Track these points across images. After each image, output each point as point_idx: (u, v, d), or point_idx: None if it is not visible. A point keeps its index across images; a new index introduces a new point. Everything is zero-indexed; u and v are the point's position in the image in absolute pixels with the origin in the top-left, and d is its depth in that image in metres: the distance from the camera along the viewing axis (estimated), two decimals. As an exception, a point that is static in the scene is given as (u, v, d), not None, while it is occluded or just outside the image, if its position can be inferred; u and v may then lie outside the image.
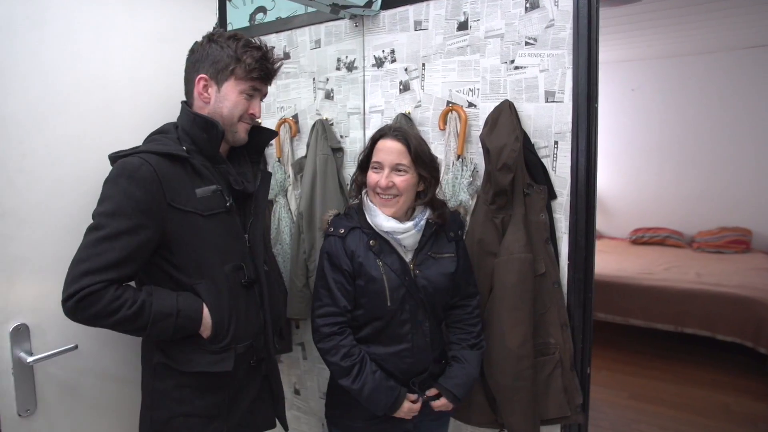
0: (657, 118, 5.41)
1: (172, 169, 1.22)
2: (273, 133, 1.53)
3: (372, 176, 1.51)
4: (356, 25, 2.16)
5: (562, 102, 1.71)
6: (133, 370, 1.50)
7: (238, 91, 1.31)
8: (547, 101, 1.74)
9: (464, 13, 1.89)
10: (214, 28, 1.63)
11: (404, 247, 1.52)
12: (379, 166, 1.50)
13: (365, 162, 1.56)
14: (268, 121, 2.48)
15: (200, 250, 1.28)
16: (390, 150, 1.48)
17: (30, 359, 1.25)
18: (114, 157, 1.24)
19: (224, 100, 1.31)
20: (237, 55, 1.29)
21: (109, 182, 1.18)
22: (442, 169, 1.92)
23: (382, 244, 1.51)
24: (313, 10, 2.22)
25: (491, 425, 1.78)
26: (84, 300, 1.10)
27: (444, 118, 1.93)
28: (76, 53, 1.34)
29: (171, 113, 1.52)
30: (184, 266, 1.26)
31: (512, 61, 1.80)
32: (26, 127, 1.25)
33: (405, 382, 1.53)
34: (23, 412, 1.27)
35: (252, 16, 2.52)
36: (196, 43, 1.35)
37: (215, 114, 1.32)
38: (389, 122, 2.08)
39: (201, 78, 1.31)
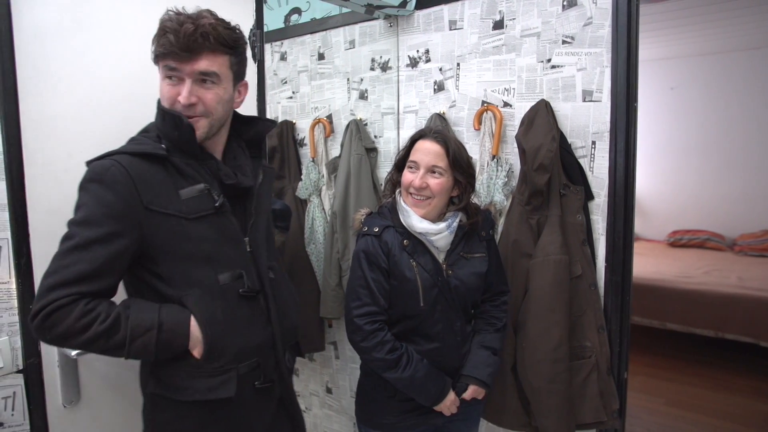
0: (697, 117, 5.26)
1: (149, 169, 1.07)
2: (271, 123, 1.37)
3: (407, 176, 1.50)
4: (390, 25, 2.17)
5: (600, 101, 1.68)
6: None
7: (161, 77, 1.11)
8: (584, 100, 1.71)
9: (500, 12, 1.87)
10: (251, 29, 1.65)
11: (437, 248, 1.52)
12: (415, 166, 1.48)
13: (402, 161, 1.55)
14: (302, 122, 2.51)
15: (188, 258, 1.10)
16: (428, 151, 1.47)
17: (74, 353, 1.29)
18: (88, 162, 1.09)
19: (160, 90, 1.13)
20: (155, 36, 1.09)
21: (80, 188, 1.06)
22: (477, 170, 1.91)
23: (416, 244, 1.50)
24: (348, 10, 2.23)
25: (525, 428, 1.76)
26: (51, 317, 0.96)
27: (479, 118, 1.91)
28: (121, 55, 1.38)
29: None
30: (170, 277, 1.09)
31: (549, 60, 1.77)
32: (72, 128, 1.29)
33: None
34: (68, 403, 1.31)
35: (287, 18, 2.55)
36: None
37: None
38: (424, 122, 2.08)
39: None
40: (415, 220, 1.48)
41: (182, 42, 1.05)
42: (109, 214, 1.02)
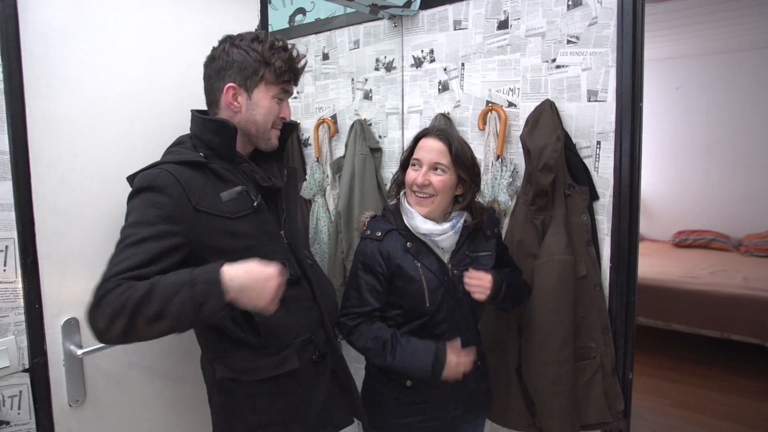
0: (703, 117, 5.24)
1: (193, 175, 1.16)
2: (292, 126, 1.45)
3: (410, 173, 1.50)
4: (395, 25, 2.17)
5: (605, 101, 1.67)
6: (178, 365, 1.54)
7: (270, 96, 1.27)
8: (589, 100, 1.71)
9: (504, 11, 1.87)
10: (256, 29, 1.65)
11: (441, 248, 1.52)
12: (418, 164, 1.48)
13: (406, 161, 1.54)
14: (307, 122, 2.51)
15: (234, 253, 1.17)
16: (430, 148, 1.47)
17: (80, 352, 1.30)
18: (131, 177, 1.19)
19: (256, 107, 1.26)
20: (265, 59, 1.23)
21: (130, 198, 1.14)
22: (482, 170, 1.90)
23: (420, 245, 1.50)
24: (352, 10, 2.23)
25: (529, 429, 1.76)
26: (99, 305, 1.00)
27: (483, 118, 1.91)
28: (125, 56, 1.39)
29: (214, 114, 1.56)
30: None
31: (554, 60, 1.77)
32: (78, 128, 1.30)
33: (441, 382, 1.50)
34: (73, 403, 1.32)
35: (292, 18, 2.55)
36: (214, 48, 1.28)
37: (248, 122, 1.27)
38: (428, 122, 2.08)
39: (230, 87, 1.24)
40: (419, 221, 1.48)
41: (300, 72, 1.32)
42: (162, 216, 1.10)
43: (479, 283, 1.46)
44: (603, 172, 1.70)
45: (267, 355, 1.25)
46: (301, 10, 2.51)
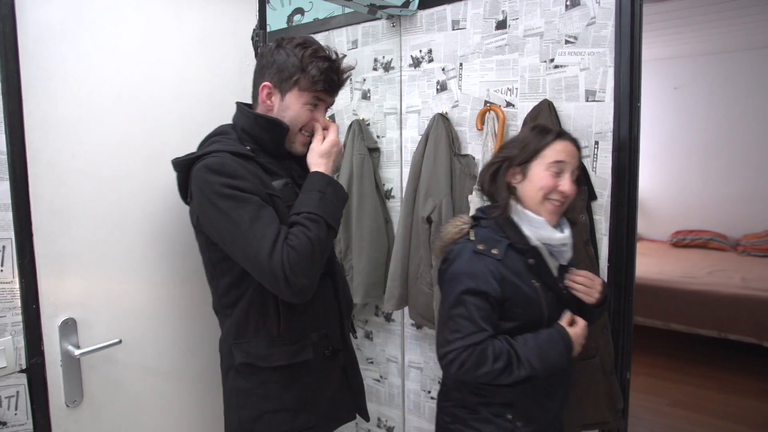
0: (701, 117, 5.25)
1: (246, 164, 1.20)
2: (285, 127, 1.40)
3: (550, 179, 1.31)
4: (393, 26, 2.17)
5: (603, 101, 1.68)
6: (176, 364, 1.54)
7: (301, 102, 1.27)
8: (587, 100, 1.71)
9: (503, 11, 1.87)
10: (254, 30, 1.65)
11: (557, 259, 1.38)
12: (560, 169, 1.31)
13: (525, 161, 1.34)
14: (305, 122, 2.51)
15: None
16: (573, 153, 1.33)
17: (77, 352, 1.29)
18: (182, 162, 1.23)
19: (287, 110, 1.27)
20: (302, 65, 1.24)
21: (205, 188, 1.15)
22: (480, 170, 1.91)
23: (539, 260, 1.34)
24: (351, 10, 2.23)
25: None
26: (290, 270, 1.10)
27: (482, 118, 1.91)
28: (124, 55, 1.38)
29: (214, 113, 1.56)
30: None
31: (552, 60, 1.77)
32: (76, 128, 1.30)
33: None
34: (70, 403, 1.32)
35: (290, 18, 2.55)
36: (265, 46, 1.32)
37: None
38: (426, 122, 2.08)
39: (265, 86, 1.27)
40: (550, 231, 1.33)
41: (339, 83, 1.30)
42: (247, 188, 1.14)
43: (591, 284, 1.39)
44: (601, 172, 1.70)
45: (283, 344, 1.28)
46: (300, 10, 2.51)
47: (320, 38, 2.44)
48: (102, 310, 1.37)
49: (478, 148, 1.93)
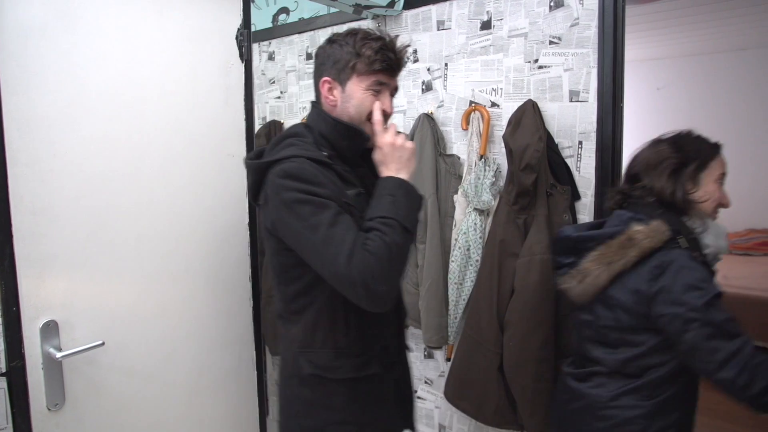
0: (683, 118, 5.29)
1: (323, 170, 1.16)
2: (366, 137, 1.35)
3: (721, 191, 1.35)
4: (378, 25, 2.16)
5: (586, 101, 1.69)
6: (159, 367, 1.52)
7: (362, 88, 1.23)
8: (571, 101, 1.72)
9: (487, 12, 1.88)
10: (238, 29, 1.64)
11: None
12: (723, 182, 1.35)
13: (696, 174, 1.34)
14: (291, 122, 2.50)
15: None
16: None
17: (59, 355, 1.28)
18: (257, 166, 1.19)
19: (350, 99, 1.24)
20: (356, 50, 1.21)
21: (282, 193, 1.12)
22: (465, 169, 1.91)
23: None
24: (336, 10, 2.23)
25: (511, 426, 1.77)
26: (370, 273, 1.05)
27: (467, 118, 1.92)
28: (106, 54, 1.37)
29: (197, 113, 1.55)
30: None
31: (536, 61, 1.78)
32: (58, 128, 1.28)
33: None
34: (52, 406, 1.30)
35: (275, 17, 2.54)
36: (318, 48, 1.30)
37: (343, 116, 1.26)
38: (411, 122, 2.08)
39: (324, 81, 1.25)
40: (726, 241, 1.33)
41: (396, 61, 1.23)
42: (325, 194, 1.11)
43: None
44: (585, 172, 1.72)
45: (349, 356, 1.26)
46: (285, 10, 2.50)
47: (305, 38, 2.44)
48: (84, 311, 1.35)
49: (464, 148, 1.94)
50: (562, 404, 1.45)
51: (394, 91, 1.29)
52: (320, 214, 1.09)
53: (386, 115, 1.25)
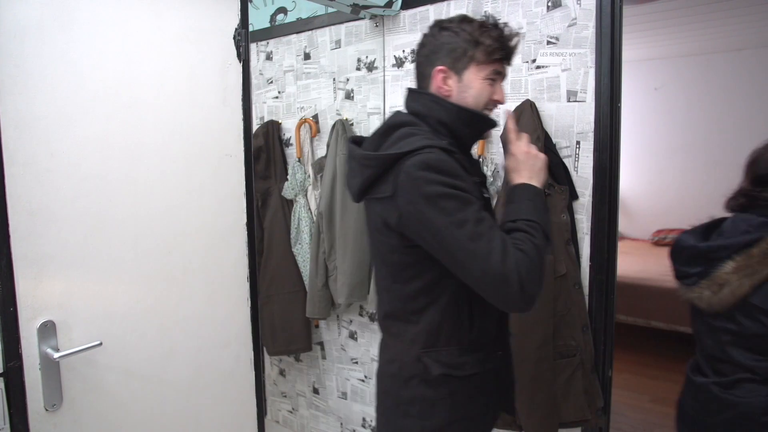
0: (681, 118, 5.32)
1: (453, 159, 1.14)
2: (492, 123, 1.31)
3: None
4: (376, 25, 2.17)
5: (584, 101, 1.69)
6: (158, 367, 1.52)
7: (481, 77, 1.20)
8: (569, 101, 1.72)
9: (485, 12, 1.88)
10: (236, 29, 1.64)
11: None
12: None
13: None
14: (288, 121, 2.50)
15: None
16: None
17: (56, 355, 1.27)
18: (385, 158, 1.13)
19: (467, 89, 1.20)
20: (474, 38, 1.18)
21: (420, 188, 1.08)
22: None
23: None
24: (334, 10, 2.23)
25: (510, 427, 1.77)
26: (528, 276, 1.04)
27: (464, 118, 1.92)
28: (104, 54, 1.36)
29: (195, 113, 1.54)
30: None
31: (534, 61, 1.78)
32: (54, 127, 1.28)
33: None
34: (50, 407, 1.30)
35: (273, 17, 2.54)
36: (424, 35, 1.26)
37: (460, 104, 1.22)
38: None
39: (439, 70, 1.20)
40: None
41: (513, 51, 1.22)
42: (464, 188, 1.09)
43: None
44: (582, 172, 1.72)
45: (473, 352, 1.24)
46: (282, 10, 2.50)
47: (303, 38, 2.44)
48: (82, 312, 1.35)
49: (462, 148, 1.94)
50: (702, 415, 1.39)
51: (504, 79, 1.27)
52: (465, 210, 1.06)
53: (498, 104, 1.25)
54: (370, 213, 1.23)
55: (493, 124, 1.24)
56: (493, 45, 1.18)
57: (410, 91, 1.27)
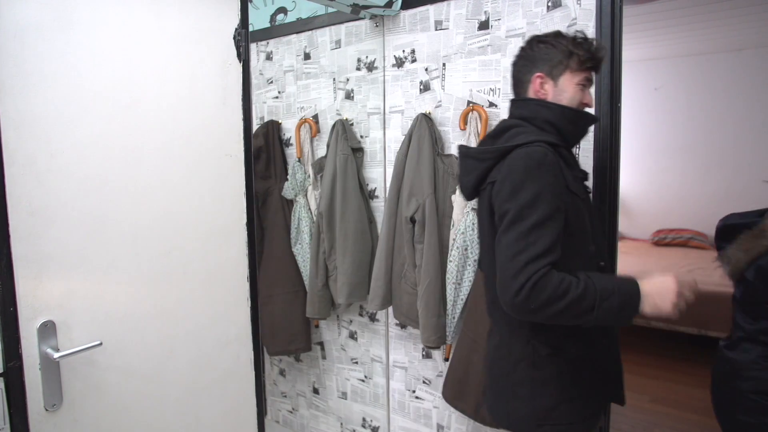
0: (681, 118, 5.32)
1: (557, 156, 1.27)
2: (593, 119, 1.45)
3: None
4: (376, 25, 2.17)
5: (584, 101, 1.69)
6: (158, 367, 1.52)
7: (574, 82, 1.35)
8: (569, 101, 1.72)
9: (485, 12, 1.88)
10: (236, 29, 1.64)
11: None
12: None
13: None
14: (288, 121, 2.50)
15: (579, 231, 1.31)
16: None
17: (56, 355, 1.27)
18: (495, 151, 1.30)
19: (563, 92, 1.36)
20: (569, 50, 1.34)
21: (517, 172, 1.22)
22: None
23: None
24: (334, 10, 2.23)
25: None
26: (535, 287, 1.13)
27: (465, 118, 1.92)
28: (103, 54, 1.36)
29: (195, 113, 1.54)
30: (567, 247, 1.25)
31: (534, 61, 1.78)
32: (54, 128, 1.28)
33: None
34: (50, 407, 1.30)
35: (273, 17, 2.54)
36: (522, 48, 1.43)
37: None
38: (409, 122, 2.08)
39: (538, 76, 1.36)
40: None
41: (602, 61, 1.38)
42: (553, 192, 1.20)
43: None
44: (582, 172, 1.72)
45: (574, 335, 1.33)
46: (283, 10, 2.50)
47: (303, 38, 2.44)
48: (82, 312, 1.35)
49: (462, 148, 1.94)
50: (715, 375, 1.63)
51: (591, 86, 1.41)
52: (532, 208, 1.18)
53: (588, 107, 1.39)
54: (480, 203, 1.37)
55: (594, 119, 1.38)
56: (585, 55, 1.34)
57: (513, 101, 1.43)
